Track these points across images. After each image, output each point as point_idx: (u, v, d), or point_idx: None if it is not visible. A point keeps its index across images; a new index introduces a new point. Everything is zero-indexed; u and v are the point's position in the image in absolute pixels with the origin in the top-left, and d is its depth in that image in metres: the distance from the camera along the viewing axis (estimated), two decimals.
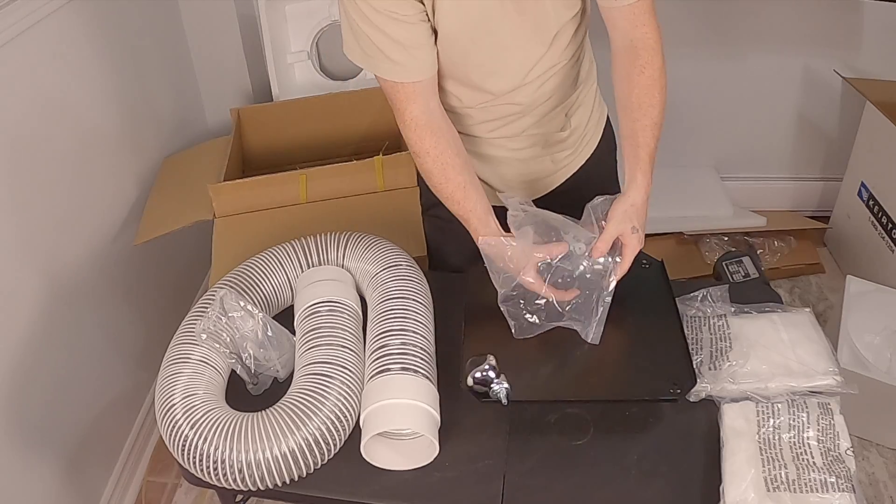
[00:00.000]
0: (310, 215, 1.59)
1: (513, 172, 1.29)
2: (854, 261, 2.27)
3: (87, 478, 1.60)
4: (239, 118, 1.87)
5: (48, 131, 1.46)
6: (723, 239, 2.29)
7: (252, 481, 0.96)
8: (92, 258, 1.62)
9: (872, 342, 1.75)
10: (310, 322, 1.10)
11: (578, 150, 1.32)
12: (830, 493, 0.92)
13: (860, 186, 2.21)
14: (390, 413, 0.96)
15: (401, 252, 1.21)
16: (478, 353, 1.02)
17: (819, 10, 2.14)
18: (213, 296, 1.09)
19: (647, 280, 1.20)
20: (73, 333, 1.55)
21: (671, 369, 1.04)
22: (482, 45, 1.07)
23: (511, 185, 1.30)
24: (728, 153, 2.47)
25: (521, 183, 1.30)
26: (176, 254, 2.01)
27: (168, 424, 0.98)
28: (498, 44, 1.07)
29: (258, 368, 1.08)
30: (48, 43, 1.45)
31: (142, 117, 1.85)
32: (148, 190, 1.82)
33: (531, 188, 1.31)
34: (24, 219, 1.39)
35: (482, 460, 1.01)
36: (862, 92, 2.10)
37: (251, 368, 1.07)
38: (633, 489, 0.98)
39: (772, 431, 0.99)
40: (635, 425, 1.05)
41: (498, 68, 1.11)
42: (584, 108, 1.29)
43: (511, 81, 1.13)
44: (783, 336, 1.11)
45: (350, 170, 1.61)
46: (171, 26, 2.00)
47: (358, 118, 1.93)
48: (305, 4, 2.05)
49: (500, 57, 1.09)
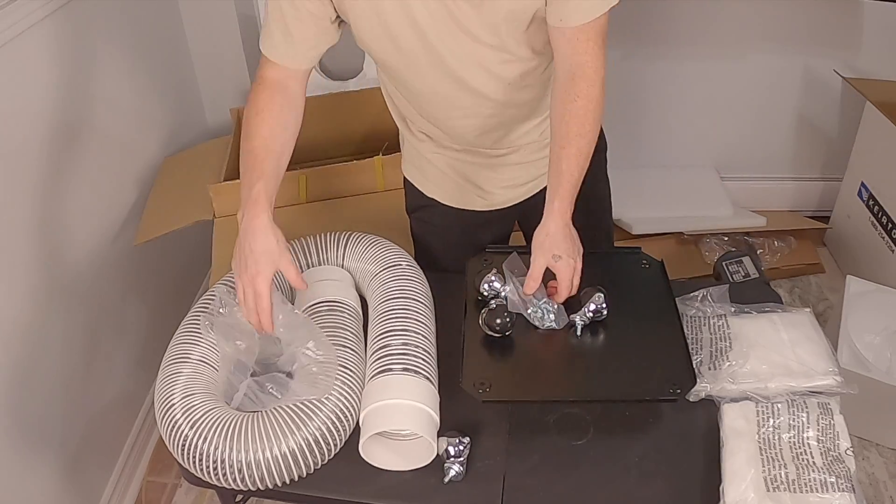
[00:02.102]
0: (310, 215, 1.60)
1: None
2: (854, 261, 2.27)
3: (87, 478, 1.60)
4: (239, 118, 1.87)
5: (48, 131, 1.46)
6: (723, 239, 2.29)
7: (252, 481, 0.96)
8: (92, 258, 1.62)
9: (872, 342, 1.75)
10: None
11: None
12: (830, 493, 0.91)
13: (860, 186, 2.21)
14: (390, 413, 0.96)
15: (401, 252, 1.21)
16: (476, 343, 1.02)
17: (819, 10, 2.14)
18: (213, 296, 1.09)
19: (647, 280, 1.20)
20: (73, 333, 1.55)
21: (671, 369, 1.04)
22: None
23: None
24: (728, 153, 2.47)
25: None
26: (176, 254, 2.01)
27: (168, 424, 0.98)
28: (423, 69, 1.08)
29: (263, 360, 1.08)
30: (48, 43, 1.45)
31: (142, 117, 1.85)
32: (148, 190, 1.82)
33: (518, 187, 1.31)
34: (23, 219, 1.39)
35: (482, 460, 1.01)
36: (862, 92, 2.10)
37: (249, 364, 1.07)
38: (633, 489, 0.98)
39: (772, 431, 0.99)
40: (635, 425, 1.05)
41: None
42: (542, 119, 1.26)
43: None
44: (783, 336, 1.11)
45: (350, 170, 1.61)
46: (171, 26, 2.00)
47: (358, 118, 1.93)
48: None
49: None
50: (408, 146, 1.33)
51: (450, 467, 0.98)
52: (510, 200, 1.32)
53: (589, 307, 1.10)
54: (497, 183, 1.29)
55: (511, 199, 1.32)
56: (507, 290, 1.08)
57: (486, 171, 1.28)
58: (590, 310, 1.10)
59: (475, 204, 1.32)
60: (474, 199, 1.31)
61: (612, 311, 1.11)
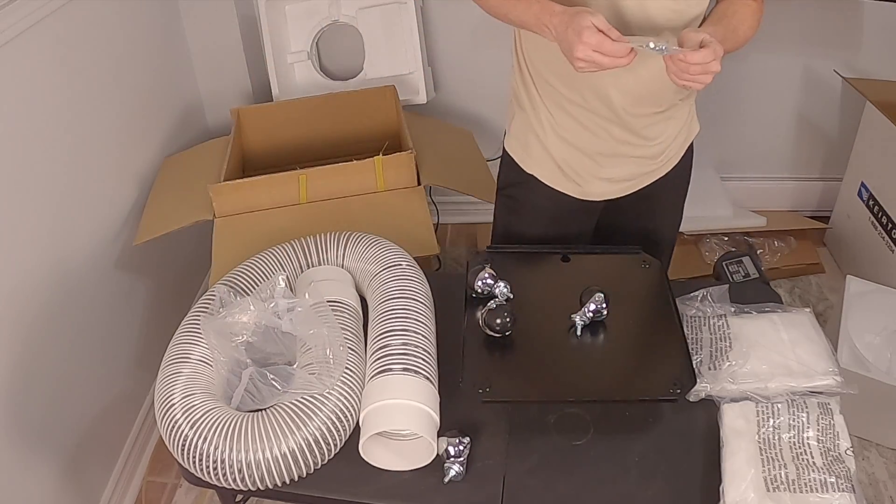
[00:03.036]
0: (310, 215, 1.60)
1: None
2: (854, 261, 2.27)
3: (87, 478, 1.60)
4: (239, 118, 1.87)
5: (48, 131, 1.46)
6: (723, 239, 2.29)
7: (252, 481, 0.96)
8: (92, 258, 1.62)
9: (872, 342, 1.75)
10: None
11: (658, 163, 1.30)
12: (830, 493, 0.91)
13: (860, 186, 2.21)
14: (390, 413, 0.96)
15: (401, 252, 1.21)
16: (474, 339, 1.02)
17: (819, 10, 2.14)
18: (213, 296, 1.09)
19: (647, 280, 1.21)
20: (73, 333, 1.55)
21: (671, 369, 1.04)
22: None
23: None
24: (728, 153, 2.47)
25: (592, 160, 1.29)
26: (176, 254, 2.01)
27: (168, 424, 0.98)
28: None
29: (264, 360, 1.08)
30: (48, 43, 1.45)
31: (142, 117, 1.85)
32: (148, 190, 1.82)
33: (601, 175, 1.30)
34: (23, 219, 1.39)
35: (482, 460, 1.01)
36: (862, 92, 2.10)
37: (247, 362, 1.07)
38: (633, 489, 0.98)
39: (772, 431, 0.99)
40: (635, 425, 1.05)
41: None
42: (676, 122, 1.28)
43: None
44: (783, 336, 1.11)
45: (350, 170, 1.61)
46: (171, 26, 2.00)
47: (358, 118, 1.94)
48: (305, 4, 2.05)
49: None
50: (519, 119, 1.32)
51: (450, 467, 0.98)
52: (603, 195, 1.32)
53: (589, 307, 1.10)
54: (596, 173, 1.29)
55: (605, 193, 1.32)
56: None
57: (588, 161, 1.27)
58: (590, 310, 1.10)
59: (569, 190, 1.32)
60: (569, 185, 1.31)
61: (612, 311, 1.11)
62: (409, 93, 2.05)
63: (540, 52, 1.21)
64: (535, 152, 1.30)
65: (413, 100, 2.05)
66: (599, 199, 1.32)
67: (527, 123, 1.30)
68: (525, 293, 1.16)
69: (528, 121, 1.29)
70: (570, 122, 1.24)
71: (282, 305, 1.06)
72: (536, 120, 1.28)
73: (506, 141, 1.37)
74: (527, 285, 1.18)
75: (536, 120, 1.28)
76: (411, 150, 1.63)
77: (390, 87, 1.92)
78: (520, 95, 1.30)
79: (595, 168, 1.28)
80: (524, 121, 1.30)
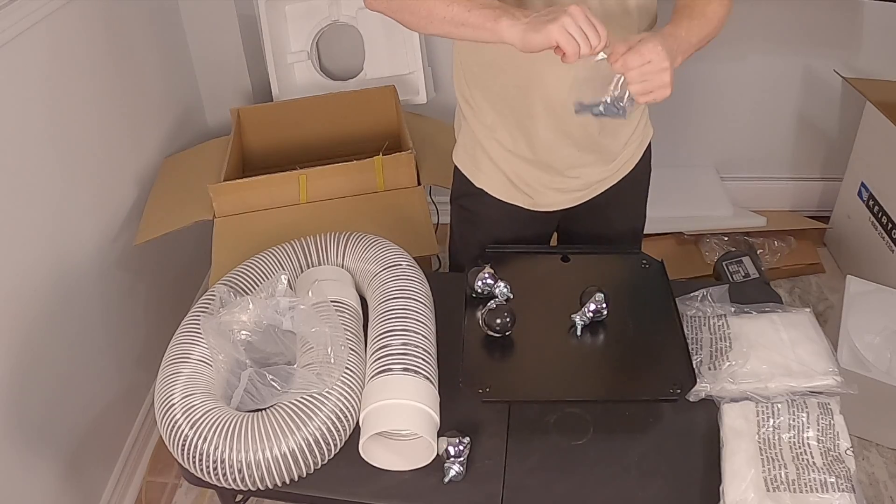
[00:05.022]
0: (310, 215, 1.60)
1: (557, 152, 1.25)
2: (854, 261, 2.27)
3: (87, 478, 1.60)
4: (239, 118, 1.88)
5: (48, 131, 1.46)
6: (723, 239, 2.29)
7: (252, 481, 0.96)
8: (92, 258, 1.62)
9: (872, 342, 1.75)
10: None
11: (610, 170, 1.29)
12: (830, 493, 0.91)
13: (860, 186, 2.21)
14: (390, 413, 0.96)
15: (401, 252, 1.21)
16: (476, 354, 1.02)
17: (819, 10, 2.14)
18: (213, 295, 1.09)
19: (647, 280, 1.21)
20: (73, 333, 1.55)
21: (671, 369, 1.04)
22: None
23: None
24: (728, 153, 2.47)
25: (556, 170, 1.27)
26: (176, 254, 2.01)
27: (168, 424, 0.98)
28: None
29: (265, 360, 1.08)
30: (48, 43, 1.45)
31: (142, 117, 1.85)
32: (148, 190, 1.82)
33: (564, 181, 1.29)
34: (23, 218, 1.39)
35: (482, 460, 1.01)
36: (862, 92, 2.10)
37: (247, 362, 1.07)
38: (633, 489, 0.98)
39: (772, 431, 0.99)
40: (635, 425, 1.05)
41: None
42: (627, 128, 1.25)
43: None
44: (783, 336, 1.11)
45: (350, 170, 1.61)
46: (171, 26, 2.00)
47: (358, 118, 1.94)
48: (305, 4, 2.05)
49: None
50: (465, 132, 1.31)
51: (450, 467, 0.98)
52: (557, 205, 1.31)
53: (589, 307, 1.10)
54: (548, 184, 1.28)
55: (558, 203, 1.30)
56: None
57: (538, 171, 1.26)
58: (590, 310, 1.10)
59: (520, 202, 1.31)
60: (520, 198, 1.30)
61: (612, 311, 1.11)
62: (409, 93, 2.05)
63: (480, 68, 1.18)
64: (484, 166, 1.29)
65: (413, 100, 2.05)
66: (553, 209, 1.31)
67: (473, 138, 1.28)
68: (525, 293, 1.16)
69: (475, 135, 1.27)
70: (519, 136, 1.22)
71: (283, 304, 1.06)
72: (483, 133, 1.26)
73: (454, 153, 1.35)
74: (527, 285, 1.18)
75: (483, 133, 1.26)
76: (411, 150, 1.63)
77: (390, 87, 1.92)
78: (464, 107, 1.28)
79: (547, 179, 1.27)
80: (471, 134, 1.28)
